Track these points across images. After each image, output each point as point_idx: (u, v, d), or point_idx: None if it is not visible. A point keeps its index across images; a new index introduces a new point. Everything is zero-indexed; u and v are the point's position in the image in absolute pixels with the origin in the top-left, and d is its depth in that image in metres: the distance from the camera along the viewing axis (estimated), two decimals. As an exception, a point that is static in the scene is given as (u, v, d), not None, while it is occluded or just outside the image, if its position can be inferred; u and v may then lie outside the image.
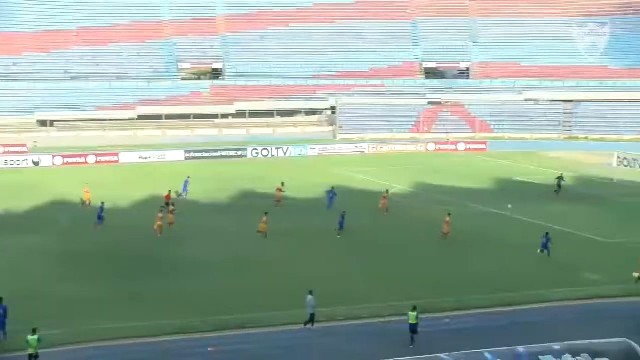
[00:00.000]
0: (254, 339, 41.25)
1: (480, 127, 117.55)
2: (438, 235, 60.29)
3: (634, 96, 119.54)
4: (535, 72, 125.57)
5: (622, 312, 44.87)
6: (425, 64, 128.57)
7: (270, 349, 40.24)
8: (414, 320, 40.20)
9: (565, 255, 55.93)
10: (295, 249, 57.90)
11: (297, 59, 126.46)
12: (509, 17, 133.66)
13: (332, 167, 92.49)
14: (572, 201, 74.29)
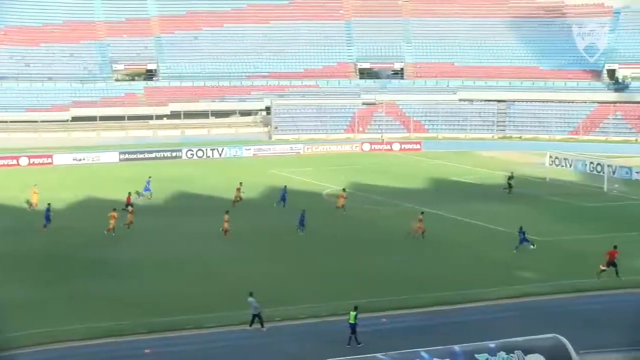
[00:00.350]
0: (192, 341, 41.15)
1: (415, 127, 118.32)
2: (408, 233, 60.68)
3: (564, 96, 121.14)
4: (469, 72, 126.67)
5: (553, 308, 45.52)
6: (359, 65, 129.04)
7: (208, 350, 40.18)
8: (353, 320, 40.34)
9: (500, 254, 56.61)
10: (237, 249, 57.88)
11: (232, 59, 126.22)
12: (442, 17, 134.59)
13: (268, 168, 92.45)
14: (506, 200, 75.09)
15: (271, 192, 77.55)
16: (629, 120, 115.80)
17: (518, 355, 31.88)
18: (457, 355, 31.78)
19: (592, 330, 41.49)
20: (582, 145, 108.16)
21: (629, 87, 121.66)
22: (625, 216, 69.18)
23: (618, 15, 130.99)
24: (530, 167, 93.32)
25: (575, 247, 58.11)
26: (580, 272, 51.88)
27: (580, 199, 76.11)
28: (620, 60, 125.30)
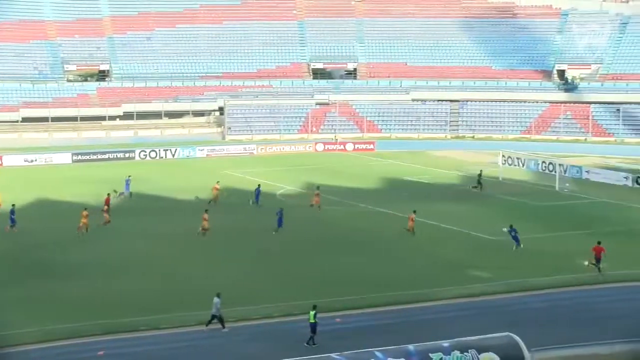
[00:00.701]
0: (147, 342, 40.99)
1: (368, 127, 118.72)
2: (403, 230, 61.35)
3: (516, 96, 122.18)
4: (422, 72, 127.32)
5: (507, 307, 45.91)
6: (312, 65, 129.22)
7: (162, 351, 40.05)
8: (312, 319, 40.39)
9: (453, 253, 56.96)
10: (196, 249, 57.82)
11: (185, 60, 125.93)
12: (395, 17, 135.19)
13: (222, 169, 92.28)
14: (459, 199, 75.56)
15: (229, 193, 77.55)
16: (578, 120, 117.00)
17: (472, 354, 32.14)
18: (412, 354, 31.96)
19: (544, 328, 41.91)
20: (534, 144, 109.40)
21: (578, 87, 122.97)
22: (576, 215, 69.92)
23: (566, 17, 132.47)
24: (484, 166, 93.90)
25: (528, 246, 58.53)
26: (533, 270, 52.34)
27: (533, 198, 76.79)
28: (569, 61, 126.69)
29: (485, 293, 48.28)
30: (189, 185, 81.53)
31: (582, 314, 44.90)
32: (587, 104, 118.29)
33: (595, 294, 48.26)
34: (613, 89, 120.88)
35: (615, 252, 56.64)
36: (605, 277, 51.32)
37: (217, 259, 55.59)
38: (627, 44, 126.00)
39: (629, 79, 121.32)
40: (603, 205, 73.98)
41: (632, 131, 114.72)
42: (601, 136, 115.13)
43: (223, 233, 62.10)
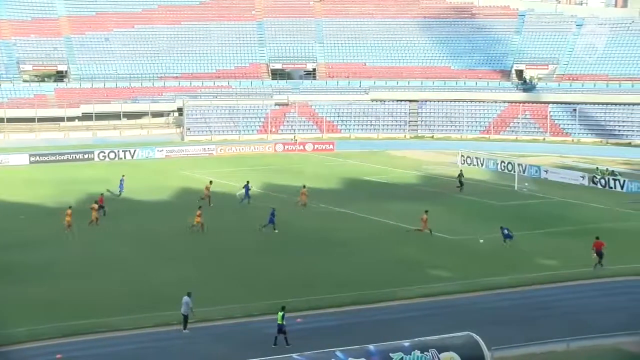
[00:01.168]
0: (106, 344, 40.72)
1: (327, 127, 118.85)
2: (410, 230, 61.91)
3: (475, 96, 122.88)
4: (381, 72, 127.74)
5: (466, 306, 46.12)
6: (271, 65, 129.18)
7: (123, 353, 39.80)
8: (280, 320, 40.28)
9: (413, 253, 57.13)
10: (154, 250, 57.56)
11: (143, 60, 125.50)
12: (354, 17, 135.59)
13: (180, 170, 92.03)
14: (419, 199, 75.73)
15: (183, 194, 77.37)
16: (536, 120, 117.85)
17: (432, 354, 32.25)
18: (372, 354, 32.01)
19: (503, 326, 42.17)
20: (492, 144, 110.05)
21: (536, 87, 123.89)
22: (534, 214, 70.37)
23: (523, 17, 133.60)
24: (443, 166, 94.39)
25: (486, 245, 58.91)
26: (493, 270, 52.63)
27: (492, 197, 77.20)
28: (527, 61, 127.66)
29: (445, 292, 48.45)
30: (148, 186, 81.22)
31: (540, 312, 45.23)
32: (544, 104, 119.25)
33: (553, 292, 48.63)
34: (569, 89, 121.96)
35: (572, 251, 57.25)
36: (598, 272, 51.86)
37: (178, 260, 55.34)
38: (581, 45, 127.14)
39: (584, 80, 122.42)
40: (561, 204, 74.54)
41: (588, 131, 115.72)
42: (559, 136, 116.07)
43: (185, 233, 61.93)
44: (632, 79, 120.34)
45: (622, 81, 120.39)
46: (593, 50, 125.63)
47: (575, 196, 77.41)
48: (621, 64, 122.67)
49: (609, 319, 43.42)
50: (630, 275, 51.97)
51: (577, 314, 44.64)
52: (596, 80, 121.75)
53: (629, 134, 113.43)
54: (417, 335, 34.67)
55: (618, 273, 52.13)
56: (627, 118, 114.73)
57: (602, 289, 49.17)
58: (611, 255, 55.70)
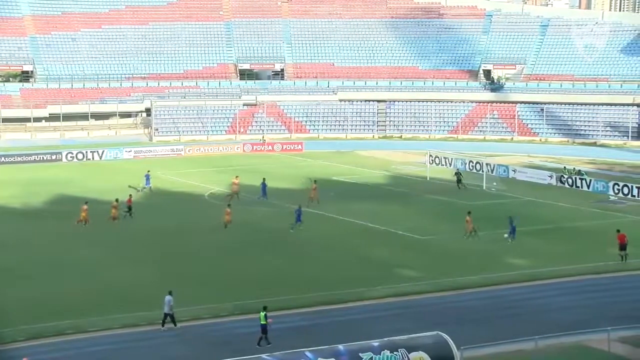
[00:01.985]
0: (73, 346, 40.46)
1: (296, 127, 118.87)
2: (464, 235, 61.17)
3: (443, 96, 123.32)
4: (349, 73, 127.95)
5: (435, 306, 46.24)
6: (239, 65, 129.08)
7: (90, 355, 39.57)
8: (263, 320, 40.17)
9: (382, 253, 57.22)
10: (119, 252, 57.30)
11: (111, 61, 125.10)
12: (321, 18, 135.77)
13: (149, 170, 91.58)
14: (387, 199, 75.90)
15: (152, 195, 77.13)
16: (504, 120, 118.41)
17: (402, 353, 32.29)
18: (342, 354, 32.02)
19: (472, 326, 42.32)
20: (461, 144, 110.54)
21: (504, 87, 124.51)
22: (503, 213, 70.54)
23: (490, 17, 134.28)
24: (411, 166, 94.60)
25: (455, 245, 59.12)
26: (461, 269, 52.82)
27: (460, 197, 77.37)
28: (494, 61, 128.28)
29: (414, 292, 48.54)
30: (115, 187, 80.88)
31: (508, 311, 45.46)
32: (512, 104, 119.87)
33: (521, 292, 48.88)
34: (537, 89, 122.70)
35: (540, 250, 57.58)
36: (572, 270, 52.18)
37: (144, 261, 55.15)
38: (547, 45, 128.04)
39: (551, 80, 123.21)
40: (529, 203, 74.90)
41: (555, 130, 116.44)
42: (526, 135, 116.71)
43: (151, 234, 61.77)
44: (597, 79, 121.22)
45: (587, 81, 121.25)
46: (558, 50, 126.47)
47: (543, 195, 77.82)
48: (586, 64, 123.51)
49: (574, 317, 43.75)
50: (594, 274, 52.35)
51: (544, 312, 44.91)
52: (562, 81, 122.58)
53: (595, 134, 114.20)
54: (386, 335, 34.72)
55: (583, 272, 52.48)
56: (593, 118, 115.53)
57: (568, 288, 49.50)
58: (577, 254, 56.22)
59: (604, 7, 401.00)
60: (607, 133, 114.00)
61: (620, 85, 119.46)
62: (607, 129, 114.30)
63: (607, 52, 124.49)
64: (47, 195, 76.32)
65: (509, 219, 61.04)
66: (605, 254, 56.41)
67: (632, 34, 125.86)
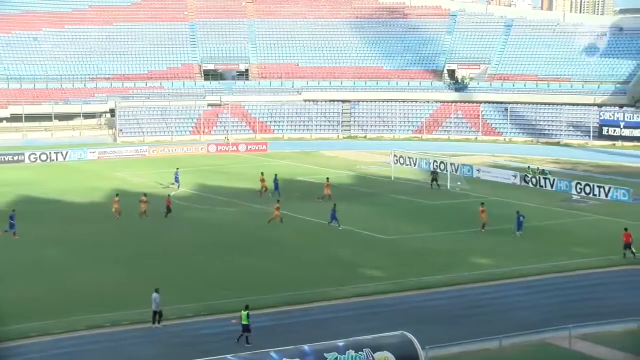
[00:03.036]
0: (35, 349, 40.09)
1: (260, 127, 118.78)
2: (478, 227, 62.90)
3: (407, 96, 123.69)
4: (313, 73, 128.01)
5: (400, 305, 46.35)
6: (204, 66, 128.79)
7: (51, 358, 39.30)
8: (245, 320, 40.18)
9: (346, 253, 57.30)
10: (84, 253, 57.02)
11: (74, 61, 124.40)
12: (286, 18, 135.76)
13: (113, 171, 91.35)
14: (352, 199, 75.98)
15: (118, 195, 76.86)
16: (468, 120, 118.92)
17: (367, 353, 32.35)
18: (307, 354, 32.03)
19: (437, 325, 42.48)
20: (425, 144, 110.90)
21: (468, 87, 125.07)
22: (467, 213, 70.90)
23: (455, 17, 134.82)
24: (376, 166, 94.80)
25: (420, 245, 59.31)
26: (426, 269, 52.98)
27: (425, 197, 77.67)
28: (458, 61, 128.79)
29: (379, 292, 48.62)
30: (79, 187, 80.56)
31: (473, 310, 45.63)
32: (476, 104, 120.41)
33: (485, 291, 49.11)
34: (501, 88, 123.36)
35: (505, 250, 57.89)
36: (511, 273, 52.41)
37: (110, 262, 54.90)
38: (511, 45, 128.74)
39: (515, 79, 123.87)
40: (493, 203, 75.16)
41: (519, 130, 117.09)
42: (490, 135, 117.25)
43: (115, 235, 61.52)
44: (560, 79, 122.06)
45: (550, 81, 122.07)
46: (522, 50, 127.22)
47: (507, 195, 78.21)
48: (549, 64, 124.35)
49: (538, 315, 44.04)
50: (557, 272, 52.71)
51: (508, 311, 45.16)
52: (526, 80, 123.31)
53: (558, 134, 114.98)
54: (351, 335, 34.79)
55: (546, 270, 52.84)
56: (556, 118, 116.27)
57: (532, 286, 49.77)
58: (541, 252, 56.60)
59: (565, 8, 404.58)
60: (570, 133, 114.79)
61: (582, 85, 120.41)
62: (569, 128, 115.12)
63: (568, 52, 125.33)
64: (9, 197, 75.74)
65: (516, 213, 62.37)
66: (569, 252, 56.85)
67: (592, 35, 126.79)
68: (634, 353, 38.39)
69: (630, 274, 52.84)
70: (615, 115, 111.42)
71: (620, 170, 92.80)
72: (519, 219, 62.03)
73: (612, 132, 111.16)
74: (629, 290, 49.23)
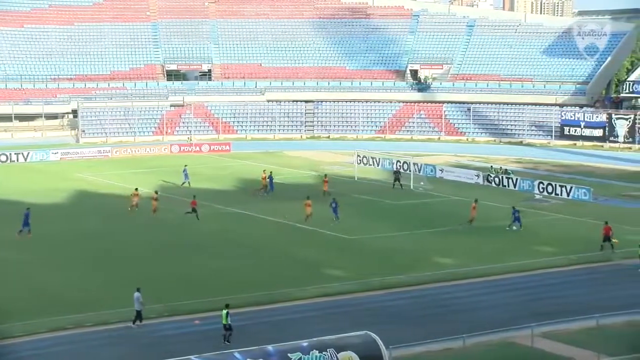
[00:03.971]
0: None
1: (223, 128, 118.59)
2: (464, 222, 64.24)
3: (370, 96, 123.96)
4: (277, 73, 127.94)
5: (363, 305, 46.41)
6: (166, 66, 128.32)
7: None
8: (225, 320, 40.24)
9: (309, 253, 57.30)
10: (44, 254, 56.65)
11: (35, 61, 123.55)
12: (249, 18, 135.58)
13: (76, 172, 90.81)
14: (315, 199, 75.86)
15: (79, 196, 76.44)
16: (431, 120, 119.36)
17: (331, 353, 32.38)
18: (271, 354, 32.03)
19: (401, 325, 42.59)
20: (388, 144, 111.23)
21: (431, 87, 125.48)
22: (430, 213, 71.22)
23: (417, 18, 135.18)
24: (339, 166, 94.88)
25: (383, 245, 59.42)
26: (389, 268, 53.08)
27: (388, 197, 77.83)
28: (421, 61, 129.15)
29: (342, 292, 48.66)
30: (41, 188, 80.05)
31: (436, 309, 45.80)
32: (439, 104, 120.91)
33: (448, 290, 49.28)
34: (463, 88, 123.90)
35: (467, 249, 58.14)
36: (471, 272, 52.62)
37: (70, 263, 54.61)
38: (474, 45, 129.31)
39: (478, 79, 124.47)
40: (456, 202, 75.54)
41: (482, 130, 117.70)
42: (453, 135, 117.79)
43: (78, 236, 61.15)
44: (522, 79, 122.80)
45: (512, 81, 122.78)
46: (484, 50, 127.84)
47: (470, 194, 78.38)
48: (511, 65, 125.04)
49: (501, 314, 44.29)
50: (519, 272, 53.03)
51: (472, 310, 45.35)
52: (489, 80, 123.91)
53: (520, 133, 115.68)
54: (315, 335, 34.80)
55: (508, 270, 53.14)
56: (519, 117, 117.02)
57: (494, 286, 50.05)
58: (504, 252, 56.91)
59: (526, 9, 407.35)
60: (532, 132, 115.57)
61: (544, 85, 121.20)
62: (532, 128, 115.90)
63: (530, 53, 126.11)
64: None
65: (512, 209, 63.70)
66: (532, 251, 57.20)
67: (552, 36, 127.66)
68: (593, 350, 38.72)
69: (591, 272, 53.33)
70: (576, 115, 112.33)
71: (581, 169, 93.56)
72: (515, 214, 62.87)
73: (573, 132, 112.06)
74: (588, 288, 49.75)
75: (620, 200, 76.35)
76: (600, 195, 77.01)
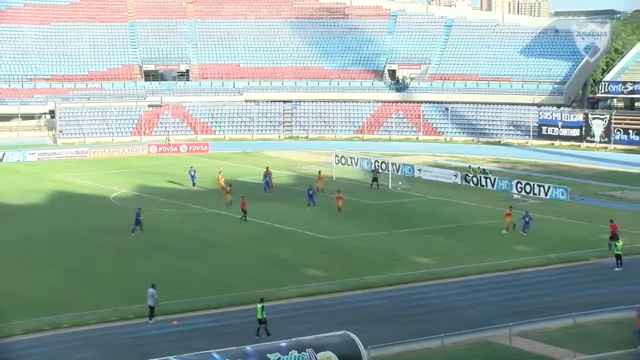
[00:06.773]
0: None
1: (202, 128, 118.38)
2: (502, 230, 63.05)
3: (348, 96, 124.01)
4: (255, 73, 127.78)
5: (342, 305, 46.46)
6: (144, 67, 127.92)
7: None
8: (259, 314, 40.58)
9: (287, 253, 57.33)
10: (20, 255, 56.38)
11: (11, 61, 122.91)
12: (227, 18, 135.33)
13: (54, 173, 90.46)
14: (293, 200, 75.99)
15: (56, 197, 76.16)
16: (409, 119, 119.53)
17: (309, 354, 32.42)
18: (249, 355, 32.03)
19: (380, 325, 42.66)
20: (366, 144, 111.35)
21: (409, 87, 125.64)
22: (408, 212, 71.34)
23: (395, 18, 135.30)
24: (317, 166, 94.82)
25: (361, 244, 59.50)
26: (368, 268, 53.15)
27: (366, 197, 77.88)
28: (399, 61, 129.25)
29: (320, 292, 48.71)
30: (18, 189, 79.73)
31: (415, 309, 45.92)
32: (417, 103, 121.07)
33: (426, 290, 49.42)
34: (441, 88, 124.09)
35: (446, 249, 58.30)
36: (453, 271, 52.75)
37: (45, 264, 54.41)
38: (451, 45, 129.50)
39: (455, 79, 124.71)
40: (434, 202, 75.73)
41: (460, 130, 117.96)
42: (431, 135, 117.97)
43: (54, 236, 60.92)
44: (500, 79, 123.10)
45: (490, 81, 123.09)
46: (462, 50, 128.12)
47: (448, 194, 78.75)
48: (489, 64, 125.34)
49: (479, 313, 44.46)
50: (497, 271, 53.26)
51: (450, 310, 45.50)
52: (467, 80, 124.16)
53: (498, 133, 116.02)
54: (294, 336, 34.84)
55: (486, 269, 53.35)
56: (496, 117, 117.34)
57: (472, 285, 50.21)
58: (482, 251, 57.10)
59: (504, 9, 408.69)
60: (510, 132, 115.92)
61: (522, 85, 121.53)
62: (510, 128, 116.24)
63: (508, 53, 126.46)
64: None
65: (524, 213, 63.44)
66: (510, 251, 57.42)
67: (530, 36, 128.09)
68: (570, 348, 38.94)
69: (568, 271, 53.60)
70: (554, 115, 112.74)
71: (558, 169, 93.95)
72: (525, 219, 62.63)
73: (550, 131, 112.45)
74: (565, 287, 49.95)
75: (597, 200, 76.74)
76: (577, 195, 77.34)
